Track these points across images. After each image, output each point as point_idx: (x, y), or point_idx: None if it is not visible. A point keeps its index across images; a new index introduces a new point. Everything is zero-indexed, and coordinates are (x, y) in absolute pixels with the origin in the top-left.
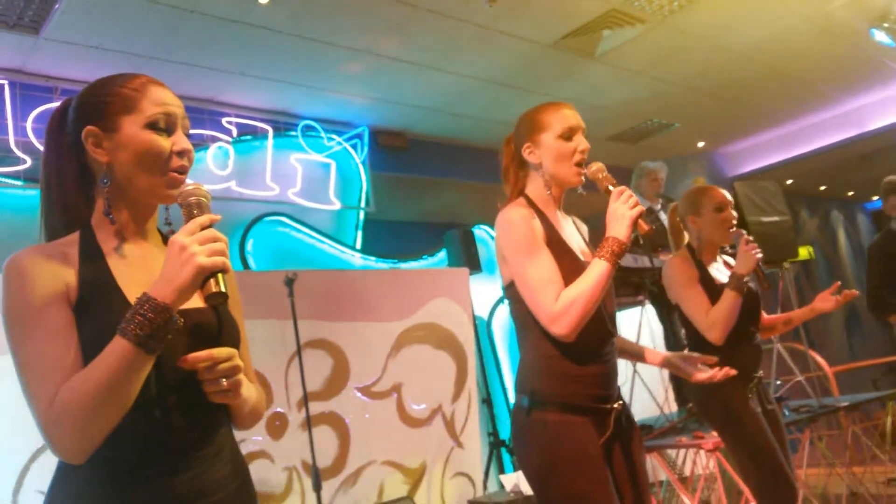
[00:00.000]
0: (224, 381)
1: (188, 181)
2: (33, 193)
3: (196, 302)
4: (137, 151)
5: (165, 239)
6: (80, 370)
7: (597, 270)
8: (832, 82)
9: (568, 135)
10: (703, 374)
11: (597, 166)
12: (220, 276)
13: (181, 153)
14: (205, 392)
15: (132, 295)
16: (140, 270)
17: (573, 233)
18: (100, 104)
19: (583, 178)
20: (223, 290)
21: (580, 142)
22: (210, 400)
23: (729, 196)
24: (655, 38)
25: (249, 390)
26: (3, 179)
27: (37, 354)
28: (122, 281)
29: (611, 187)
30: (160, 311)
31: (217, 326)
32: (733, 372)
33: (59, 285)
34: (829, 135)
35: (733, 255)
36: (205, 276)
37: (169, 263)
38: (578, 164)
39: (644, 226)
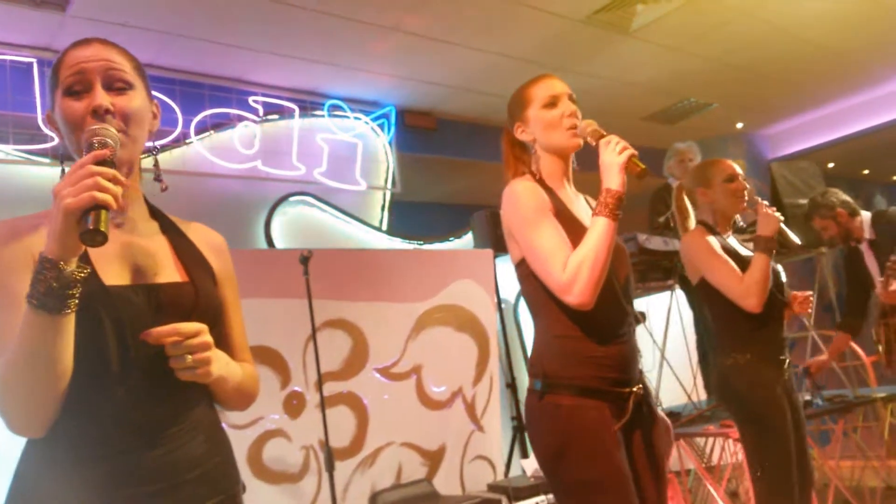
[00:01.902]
0: (188, 358)
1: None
2: (60, 170)
3: (171, 276)
4: (60, 123)
5: (153, 211)
6: None
7: (597, 229)
8: (880, 60)
9: (551, 102)
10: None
11: (585, 122)
12: (102, 213)
13: (94, 111)
14: (174, 370)
15: (104, 270)
16: (116, 244)
17: (584, 207)
18: (48, 87)
19: (580, 140)
20: (100, 228)
21: (565, 106)
22: (179, 378)
23: (738, 169)
24: (693, 13)
25: (231, 369)
26: (31, 157)
27: None
28: (94, 253)
29: (602, 141)
30: (48, 268)
31: (192, 301)
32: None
33: (27, 258)
34: (875, 116)
35: (744, 231)
36: (76, 217)
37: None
38: (572, 128)
39: (635, 167)
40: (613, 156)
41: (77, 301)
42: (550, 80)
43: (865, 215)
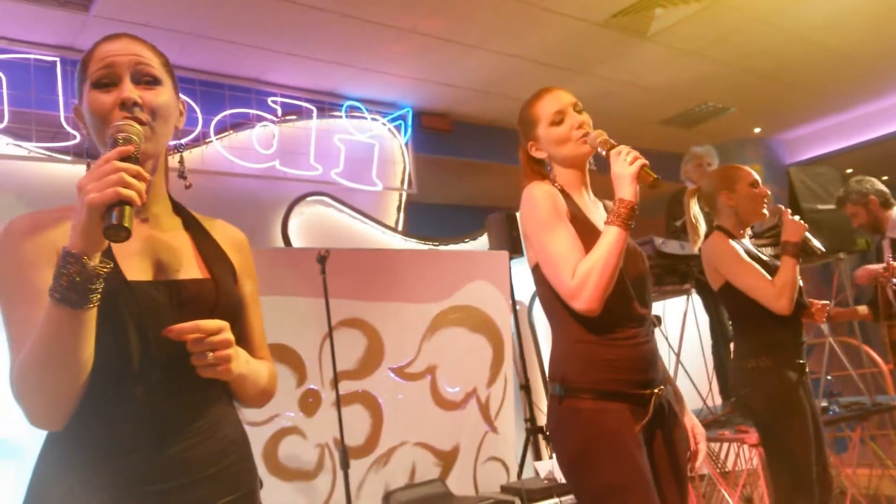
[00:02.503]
0: (210, 355)
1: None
2: (83, 169)
3: (193, 273)
4: (87, 116)
5: (177, 207)
6: None
7: (608, 237)
8: None
9: (557, 119)
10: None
11: (595, 133)
12: (126, 208)
13: (122, 104)
14: (194, 366)
15: (126, 265)
16: (138, 239)
17: (602, 214)
18: (76, 81)
19: (591, 147)
20: (124, 223)
21: (572, 119)
22: (200, 375)
23: (757, 176)
24: (711, 17)
25: (251, 367)
26: (53, 155)
27: (18, 320)
28: (116, 248)
29: (612, 152)
30: (72, 262)
31: (213, 298)
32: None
33: (49, 251)
34: (895, 122)
35: (760, 236)
36: (100, 212)
37: (75, 208)
38: (581, 138)
39: (647, 177)
40: (625, 167)
41: (99, 296)
42: (553, 94)
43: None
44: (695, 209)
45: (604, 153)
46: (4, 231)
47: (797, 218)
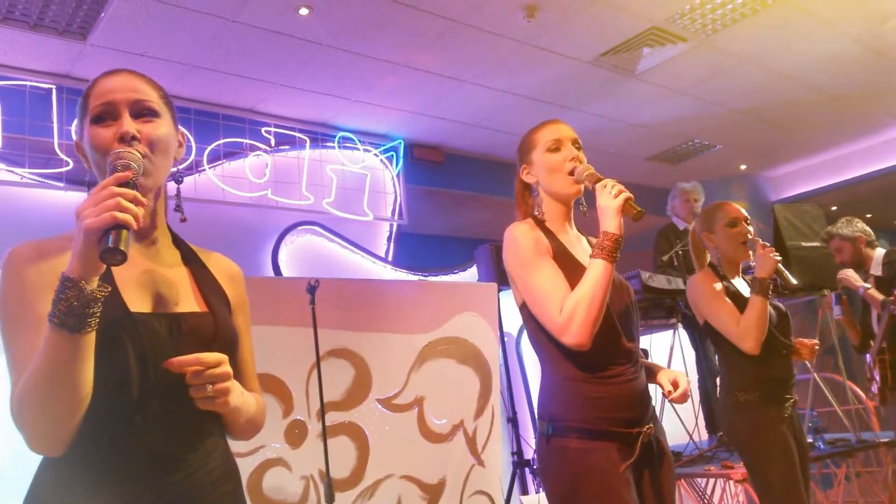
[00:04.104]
0: (209, 388)
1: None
2: (75, 195)
3: (191, 306)
4: (88, 150)
5: (176, 240)
6: None
7: (594, 270)
8: (882, 106)
9: (555, 147)
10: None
11: (582, 167)
12: (123, 233)
13: (121, 137)
14: (192, 398)
15: (128, 298)
16: (140, 271)
17: (586, 250)
18: (77, 116)
19: (580, 186)
20: (120, 247)
21: (568, 151)
22: (197, 406)
23: (744, 211)
24: (698, 57)
25: (244, 399)
26: (46, 181)
27: (20, 347)
28: (119, 279)
29: (598, 185)
30: (69, 287)
31: (212, 331)
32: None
33: (52, 279)
34: (878, 161)
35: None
36: (97, 236)
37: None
38: (571, 173)
39: (631, 210)
40: (609, 199)
41: (97, 320)
42: (556, 125)
43: (879, 251)
44: (700, 246)
45: (590, 187)
46: (7, 258)
47: (773, 252)
